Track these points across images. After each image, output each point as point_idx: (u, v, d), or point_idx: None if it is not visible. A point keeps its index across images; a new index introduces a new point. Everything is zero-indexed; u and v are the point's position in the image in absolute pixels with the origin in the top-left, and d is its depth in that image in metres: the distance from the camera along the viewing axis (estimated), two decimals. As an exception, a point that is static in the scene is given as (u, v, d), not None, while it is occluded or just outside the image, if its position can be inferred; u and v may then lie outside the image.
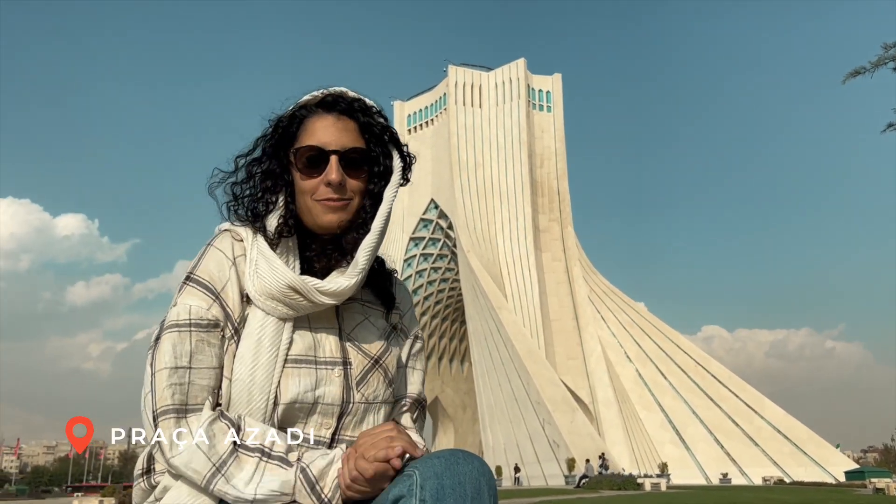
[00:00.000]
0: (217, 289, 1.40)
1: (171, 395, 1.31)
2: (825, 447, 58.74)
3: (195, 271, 1.41)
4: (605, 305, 70.51)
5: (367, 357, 1.49)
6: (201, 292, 1.39)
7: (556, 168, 76.25)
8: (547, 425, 51.96)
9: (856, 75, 9.59)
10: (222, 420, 1.33)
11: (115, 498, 20.44)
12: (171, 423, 1.31)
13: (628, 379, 65.71)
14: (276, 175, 1.50)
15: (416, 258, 79.59)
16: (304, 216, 1.49)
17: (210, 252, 1.44)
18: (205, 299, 1.38)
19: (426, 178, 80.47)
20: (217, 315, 1.38)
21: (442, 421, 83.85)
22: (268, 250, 1.44)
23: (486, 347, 62.49)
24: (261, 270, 1.42)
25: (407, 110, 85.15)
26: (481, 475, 1.24)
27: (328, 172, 1.44)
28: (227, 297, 1.40)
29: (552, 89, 79.00)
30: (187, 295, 1.39)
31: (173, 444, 1.30)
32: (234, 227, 1.49)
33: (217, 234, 1.49)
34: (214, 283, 1.40)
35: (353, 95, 1.54)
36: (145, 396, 1.34)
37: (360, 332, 1.51)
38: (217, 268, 1.42)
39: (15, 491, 70.33)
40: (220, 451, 1.30)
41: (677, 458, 57.75)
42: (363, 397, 1.45)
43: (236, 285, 1.42)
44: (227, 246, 1.45)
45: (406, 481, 1.22)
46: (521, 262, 69.65)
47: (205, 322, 1.37)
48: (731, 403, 61.74)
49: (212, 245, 1.46)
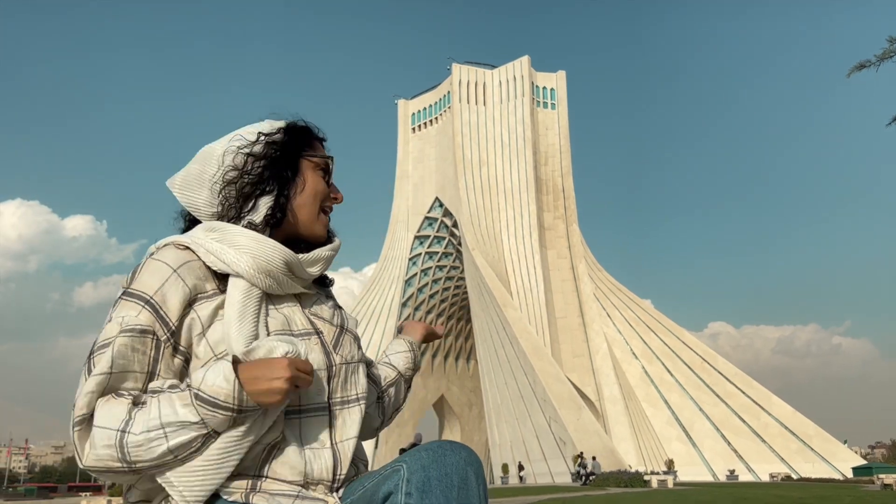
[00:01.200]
0: (148, 295, 1.36)
1: (87, 402, 1.27)
2: (832, 443, 58.59)
3: (130, 286, 1.38)
4: (611, 302, 70.45)
5: (334, 325, 1.56)
6: (132, 302, 1.36)
7: (561, 165, 76.15)
8: (553, 423, 51.93)
9: (861, 69, 9.56)
10: (116, 396, 1.30)
11: (123, 498, 20.57)
12: (83, 432, 1.26)
13: (634, 376, 65.66)
14: (277, 174, 1.56)
15: (422, 256, 79.61)
16: (296, 219, 1.57)
17: (147, 264, 1.42)
18: (134, 307, 1.35)
19: (431, 176, 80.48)
20: (145, 320, 1.34)
21: (448, 419, 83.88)
22: (249, 231, 1.48)
23: (492, 345, 62.48)
24: (248, 248, 1.44)
25: (411, 108, 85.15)
26: (468, 465, 1.28)
27: (336, 191, 1.64)
28: (163, 302, 1.37)
29: (556, 87, 78.87)
30: (120, 309, 1.36)
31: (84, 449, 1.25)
32: (175, 238, 1.48)
33: (159, 247, 1.46)
34: (146, 291, 1.37)
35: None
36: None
37: (318, 308, 1.57)
38: (151, 277, 1.39)
39: (23, 491, 70.75)
40: (119, 414, 1.26)
41: (684, 455, 57.73)
42: (343, 359, 1.51)
43: (179, 289, 1.39)
44: (170, 256, 1.42)
45: (394, 476, 1.25)
46: (527, 259, 69.60)
47: (135, 329, 1.33)
48: (737, 400, 61.65)
49: (150, 258, 1.43)
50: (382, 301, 79.55)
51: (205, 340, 1.40)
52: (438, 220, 78.75)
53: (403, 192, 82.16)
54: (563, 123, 77.57)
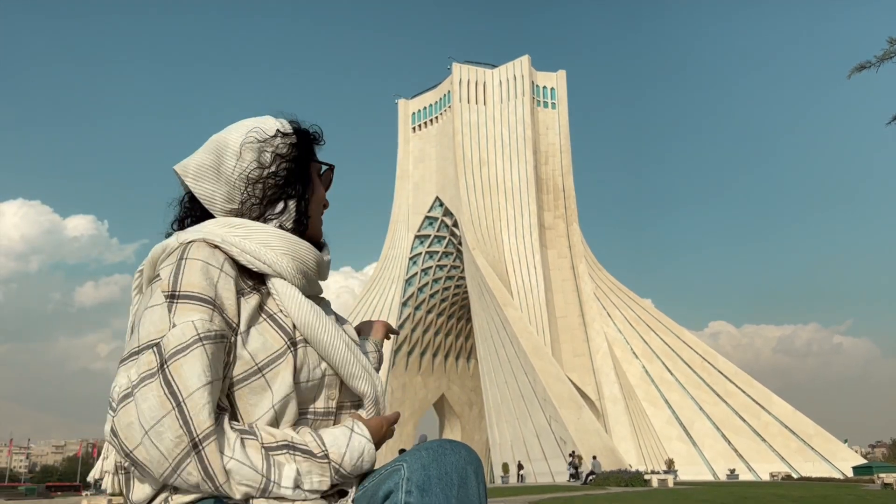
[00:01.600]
0: (212, 297, 1.33)
1: (208, 415, 1.23)
2: (833, 442, 58.58)
3: (180, 288, 1.32)
4: (611, 302, 70.42)
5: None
6: (198, 305, 1.31)
7: (562, 165, 76.11)
8: (553, 422, 51.94)
9: (861, 69, 9.56)
10: (234, 429, 1.30)
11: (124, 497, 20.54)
12: (214, 447, 1.23)
13: (635, 375, 65.64)
14: (295, 178, 1.60)
15: (422, 256, 79.61)
16: (311, 223, 1.61)
17: (189, 265, 1.35)
18: (205, 311, 1.30)
19: (431, 175, 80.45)
20: (221, 326, 1.32)
21: (448, 418, 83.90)
22: (282, 231, 1.50)
23: (492, 345, 62.49)
24: (284, 249, 1.47)
25: (411, 108, 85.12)
26: (468, 463, 1.28)
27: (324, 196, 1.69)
28: (224, 306, 1.34)
29: (557, 86, 78.82)
30: (182, 312, 1.29)
31: (222, 469, 1.24)
32: (203, 235, 1.43)
33: (184, 247, 1.40)
34: (207, 293, 1.32)
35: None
36: (160, 431, 1.21)
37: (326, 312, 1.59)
38: (204, 278, 1.34)
39: (24, 491, 70.72)
40: (257, 461, 1.27)
41: (684, 455, 57.72)
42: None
43: (231, 290, 1.37)
44: (208, 255, 1.38)
45: (395, 475, 1.26)
46: (527, 259, 69.58)
47: (212, 334, 1.29)
48: (738, 399, 61.64)
49: (189, 259, 1.36)
50: (383, 300, 79.56)
51: (241, 345, 1.37)
52: (439, 220, 78.74)
53: (404, 192, 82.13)
54: (564, 123, 77.51)
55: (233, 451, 1.25)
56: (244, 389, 1.37)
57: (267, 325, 1.41)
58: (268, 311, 1.43)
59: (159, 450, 1.20)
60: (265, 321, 1.42)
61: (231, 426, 1.30)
